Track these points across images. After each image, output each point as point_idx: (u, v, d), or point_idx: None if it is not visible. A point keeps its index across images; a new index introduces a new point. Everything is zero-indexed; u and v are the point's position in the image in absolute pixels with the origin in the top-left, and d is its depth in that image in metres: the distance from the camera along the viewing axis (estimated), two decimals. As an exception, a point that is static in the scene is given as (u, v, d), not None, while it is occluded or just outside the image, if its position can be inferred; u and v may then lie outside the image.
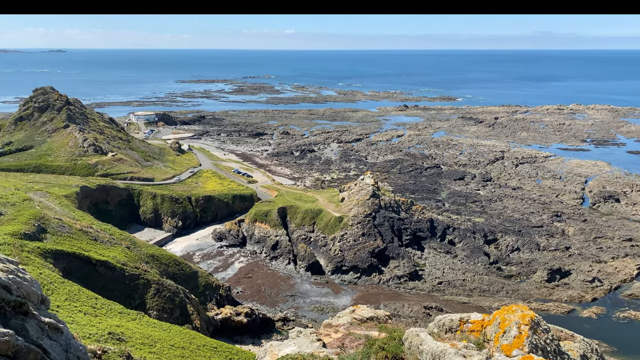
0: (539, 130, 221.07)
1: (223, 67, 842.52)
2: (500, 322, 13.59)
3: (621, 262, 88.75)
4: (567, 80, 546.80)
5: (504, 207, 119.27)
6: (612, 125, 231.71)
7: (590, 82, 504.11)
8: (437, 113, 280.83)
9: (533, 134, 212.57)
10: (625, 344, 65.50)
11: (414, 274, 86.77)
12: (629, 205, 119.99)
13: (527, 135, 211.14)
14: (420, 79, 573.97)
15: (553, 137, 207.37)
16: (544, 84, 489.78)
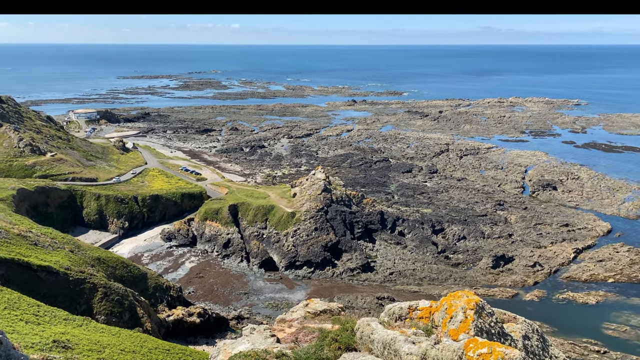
0: (481, 123, 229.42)
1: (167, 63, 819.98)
2: (447, 308, 13.98)
3: (559, 247, 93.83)
4: (507, 74, 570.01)
5: (450, 197, 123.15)
6: (549, 117, 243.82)
7: (528, 76, 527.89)
8: (385, 107, 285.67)
9: (476, 127, 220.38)
10: (565, 324, 69.41)
11: (367, 266, 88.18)
12: (565, 193, 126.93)
13: (470, 127, 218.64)
14: (368, 74, 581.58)
15: (494, 129, 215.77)
16: (484, 78, 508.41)
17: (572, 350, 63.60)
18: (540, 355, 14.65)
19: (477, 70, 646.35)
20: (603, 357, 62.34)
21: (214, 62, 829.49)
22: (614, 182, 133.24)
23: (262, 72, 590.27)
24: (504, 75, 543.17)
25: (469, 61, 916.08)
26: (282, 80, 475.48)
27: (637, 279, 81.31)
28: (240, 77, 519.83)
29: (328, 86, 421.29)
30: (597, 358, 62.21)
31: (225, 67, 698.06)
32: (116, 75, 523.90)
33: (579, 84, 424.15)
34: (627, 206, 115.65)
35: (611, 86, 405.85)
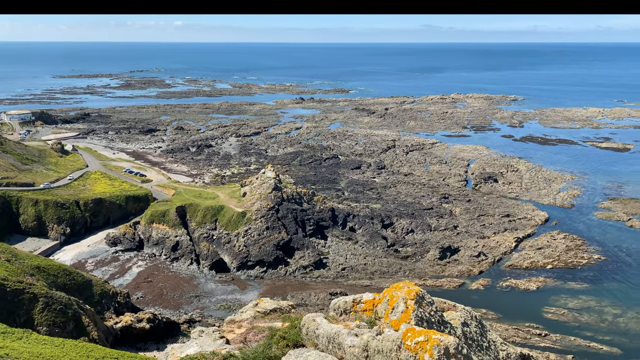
0: (425, 119, 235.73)
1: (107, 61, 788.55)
2: (389, 300, 14.31)
3: (501, 237, 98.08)
4: (448, 71, 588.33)
5: (398, 192, 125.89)
6: (488, 112, 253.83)
7: (469, 73, 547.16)
8: (332, 105, 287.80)
9: (420, 123, 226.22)
10: (509, 310, 72.68)
11: (319, 263, 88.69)
12: (505, 185, 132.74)
13: (415, 124, 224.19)
14: (315, 71, 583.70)
15: (438, 125, 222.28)
16: (427, 76, 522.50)
17: (516, 334, 66.72)
18: (479, 341, 15.20)
19: (420, 67, 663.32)
20: (544, 339, 65.80)
21: (157, 61, 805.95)
22: (549, 174, 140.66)
23: (208, 70, 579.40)
24: (446, 73, 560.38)
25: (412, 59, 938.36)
26: (229, 78, 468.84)
27: (572, 264, 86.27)
28: (185, 75, 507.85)
29: (275, 84, 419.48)
30: (539, 341, 65.58)
31: (169, 65, 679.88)
32: (52, 75, 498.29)
33: (515, 80, 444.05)
34: (562, 196, 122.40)
35: (545, 82, 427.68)
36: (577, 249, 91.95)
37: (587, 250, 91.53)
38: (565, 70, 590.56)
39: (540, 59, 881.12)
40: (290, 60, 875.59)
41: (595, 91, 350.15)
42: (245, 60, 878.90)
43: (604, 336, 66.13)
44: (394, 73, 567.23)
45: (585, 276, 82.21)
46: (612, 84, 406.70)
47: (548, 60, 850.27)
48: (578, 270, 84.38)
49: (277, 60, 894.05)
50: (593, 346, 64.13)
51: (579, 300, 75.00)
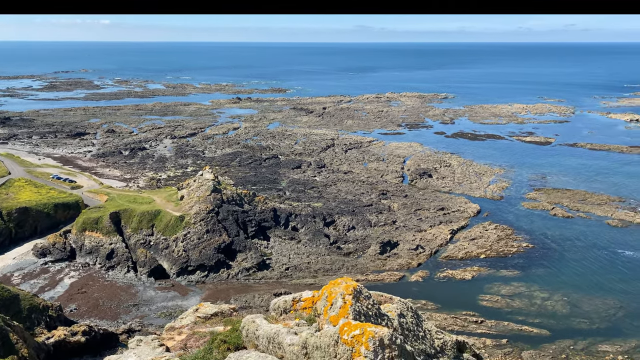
0: (362, 118, 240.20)
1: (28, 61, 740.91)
2: (327, 296, 14.58)
3: (437, 229, 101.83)
4: (382, 71, 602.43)
5: (339, 190, 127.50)
6: (421, 110, 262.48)
7: (401, 72, 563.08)
8: (270, 105, 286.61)
9: (357, 122, 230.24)
10: (446, 300, 75.61)
11: (262, 264, 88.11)
12: (439, 179, 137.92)
13: (353, 122, 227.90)
14: (251, 71, 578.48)
15: (374, 123, 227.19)
16: (362, 75, 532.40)
17: (455, 323, 69.56)
18: (415, 331, 15.66)
19: (356, 67, 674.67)
20: (480, 326, 69.06)
21: (84, 61, 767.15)
22: (480, 167, 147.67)
23: (139, 71, 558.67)
24: (380, 72, 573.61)
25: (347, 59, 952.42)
26: (161, 79, 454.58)
27: (503, 253, 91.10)
28: (114, 76, 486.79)
29: (211, 84, 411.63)
30: (475, 327, 68.74)
31: (97, 65, 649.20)
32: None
33: (446, 79, 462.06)
34: (492, 188, 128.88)
35: (473, 80, 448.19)
36: (507, 238, 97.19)
37: (517, 239, 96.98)
38: (491, 69, 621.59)
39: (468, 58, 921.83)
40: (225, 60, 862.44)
41: (519, 88, 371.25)
42: (178, 59, 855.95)
43: (534, 319, 70.36)
44: (330, 73, 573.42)
45: (515, 264, 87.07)
46: (534, 81, 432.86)
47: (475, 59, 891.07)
48: (509, 258, 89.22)
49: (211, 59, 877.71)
50: (525, 329, 68.08)
51: (511, 286, 79.31)
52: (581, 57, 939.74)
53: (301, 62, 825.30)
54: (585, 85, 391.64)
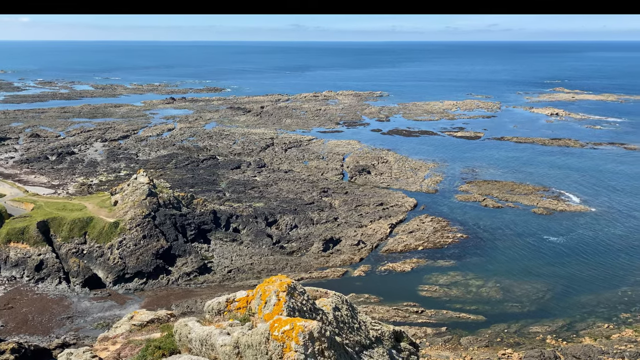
0: (300, 117, 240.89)
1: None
2: (261, 294, 14.67)
3: (377, 224, 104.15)
4: (318, 69, 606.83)
5: (280, 189, 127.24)
6: (358, 108, 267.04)
7: (337, 71, 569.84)
8: (206, 104, 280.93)
9: (296, 120, 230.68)
10: (388, 292, 77.58)
11: (203, 268, 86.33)
12: (378, 175, 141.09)
13: (291, 121, 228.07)
14: (185, 70, 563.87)
15: (313, 121, 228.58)
16: (299, 74, 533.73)
17: (397, 314, 71.52)
18: (350, 323, 16.06)
19: (292, 66, 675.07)
20: (421, 316, 71.45)
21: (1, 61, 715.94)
22: (415, 163, 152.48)
23: (64, 71, 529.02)
24: (316, 71, 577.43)
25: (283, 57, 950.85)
26: (89, 79, 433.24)
27: (440, 244, 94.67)
28: (37, 77, 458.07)
29: (143, 84, 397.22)
30: (416, 317, 71.03)
31: (17, 65, 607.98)
32: None
33: (380, 77, 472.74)
34: (427, 182, 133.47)
35: (406, 78, 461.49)
36: (443, 229, 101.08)
37: (452, 230, 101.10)
38: (422, 67, 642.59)
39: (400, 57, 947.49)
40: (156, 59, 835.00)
41: (449, 86, 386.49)
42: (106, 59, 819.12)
43: (470, 306, 73.71)
44: (267, 71, 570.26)
45: (451, 254, 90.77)
46: (462, 79, 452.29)
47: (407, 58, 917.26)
48: (445, 249, 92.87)
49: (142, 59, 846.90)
50: (462, 316, 71.18)
51: (448, 276, 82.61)
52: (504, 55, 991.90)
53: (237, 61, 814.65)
54: (510, 82, 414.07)
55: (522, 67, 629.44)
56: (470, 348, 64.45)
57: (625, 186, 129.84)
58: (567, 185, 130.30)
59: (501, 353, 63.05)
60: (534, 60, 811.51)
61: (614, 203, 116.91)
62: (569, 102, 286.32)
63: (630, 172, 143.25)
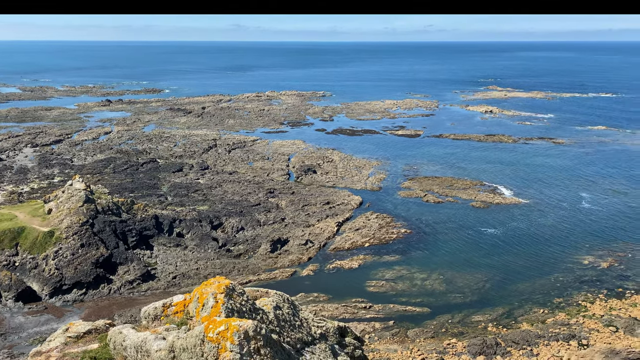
0: (243, 117, 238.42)
1: None
2: (199, 297, 14.55)
3: (324, 223, 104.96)
4: (260, 69, 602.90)
5: (225, 191, 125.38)
6: (302, 108, 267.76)
7: (279, 71, 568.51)
8: (144, 106, 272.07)
9: (239, 121, 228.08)
10: (337, 290, 78.39)
11: (147, 275, 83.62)
12: (323, 175, 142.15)
13: (234, 122, 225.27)
14: (122, 71, 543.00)
15: (256, 122, 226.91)
16: (241, 74, 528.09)
17: (346, 311, 72.42)
18: (291, 321, 16.26)
19: (234, 66, 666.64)
20: (369, 311, 72.74)
21: None
22: (359, 161, 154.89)
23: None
24: (258, 71, 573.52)
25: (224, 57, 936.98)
26: (16, 82, 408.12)
27: (385, 240, 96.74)
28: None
29: (76, 86, 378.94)
30: (365, 313, 72.24)
31: None
32: None
33: (322, 77, 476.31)
34: (371, 180, 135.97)
35: (347, 78, 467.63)
36: (387, 225, 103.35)
37: (396, 226, 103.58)
38: (364, 67, 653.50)
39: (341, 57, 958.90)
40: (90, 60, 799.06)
41: (389, 85, 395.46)
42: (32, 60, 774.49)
43: (416, 299, 75.86)
44: (208, 72, 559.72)
45: (396, 249, 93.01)
46: (401, 78, 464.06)
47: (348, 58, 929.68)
48: (390, 244, 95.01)
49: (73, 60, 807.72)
50: (409, 309, 73.14)
51: (394, 270, 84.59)
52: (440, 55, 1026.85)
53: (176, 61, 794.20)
54: (446, 81, 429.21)
55: (457, 66, 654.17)
56: (417, 340, 66.34)
57: (554, 179, 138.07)
58: (501, 179, 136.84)
59: (446, 343, 65.36)
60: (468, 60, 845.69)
61: (544, 195, 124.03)
62: (501, 100, 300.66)
63: (557, 165, 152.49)
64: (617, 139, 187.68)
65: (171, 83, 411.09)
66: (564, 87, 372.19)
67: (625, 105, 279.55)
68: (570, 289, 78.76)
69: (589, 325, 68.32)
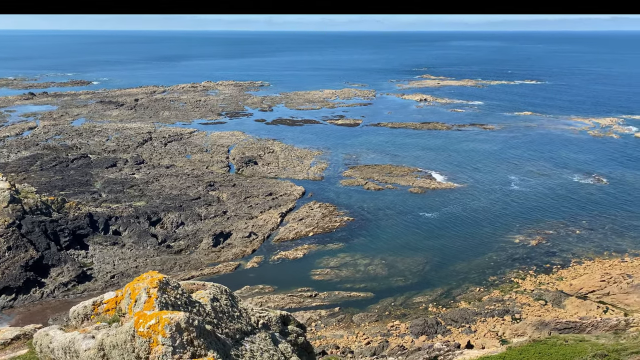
0: (179, 109, 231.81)
1: None
2: (131, 293, 14.26)
3: (268, 214, 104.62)
4: (195, 59, 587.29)
5: (162, 186, 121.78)
6: (240, 99, 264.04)
7: (215, 61, 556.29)
8: (72, 99, 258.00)
9: (175, 113, 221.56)
10: (282, 281, 78.62)
11: (83, 276, 79.97)
12: (265, 166, 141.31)
13: (170, 114, 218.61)
14: (46, 62, 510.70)
15: (193, 113, 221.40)
16: (174, 64, 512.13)
17: (292, 301, 72.86)
18: (230, 312, 16.29)
19: (167, 56, 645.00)
20: (315, 299, 73.59)
21: None
22: (300, 151, 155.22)
23: None
24: (193, 61, 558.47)
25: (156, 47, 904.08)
26: None
27: (329, 228, 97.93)
28: None
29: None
30: (311, 301, 73.03)
31: None
32: None
33: (259, 67, 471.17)
34: (313, 170, 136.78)
35: (285, 68, 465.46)
36: (330, 214, 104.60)
37: (339, 214, 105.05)
38: (302, 56, 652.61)
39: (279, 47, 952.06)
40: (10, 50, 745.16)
41: (328, 75, 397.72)
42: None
43: (359, 284, 77.56)
44: (139, 62, 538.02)
45: (339, 237, 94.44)
46: (339, 67, 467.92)
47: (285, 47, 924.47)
48: (333, 232, 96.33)
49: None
50: (353, 295, 74.68)
51: (338, 258, 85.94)
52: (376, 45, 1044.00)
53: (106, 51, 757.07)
54: (382, 71, 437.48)
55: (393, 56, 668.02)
56: (362, 324, 67.97)
57: (485, 163, 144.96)
58: (437, 165, 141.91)
59: (390, 325, 67.44)
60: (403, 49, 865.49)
61: (476, 179, 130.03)
62: (435, 88, 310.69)
63: (488, 150, 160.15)
64: (541, 124, 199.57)
65: (100, 74, 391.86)
66: (492, 75, 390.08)
67: (548, 92, 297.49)
68: (503, 267, 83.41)
69: (521, 300, 72.79)
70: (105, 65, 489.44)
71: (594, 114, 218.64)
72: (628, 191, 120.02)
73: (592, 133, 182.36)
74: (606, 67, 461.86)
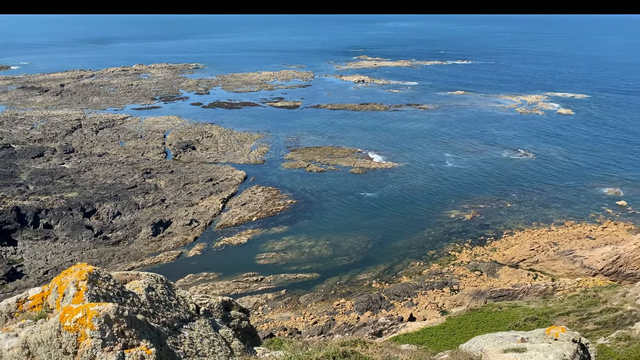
0: (110, 94, 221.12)
1: None
2: (58, 287, 13.73)
3: (209, 201, 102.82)
4: (125, 41, 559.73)
5: (95, 175, 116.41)
6: (174, 82, 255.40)
7: (147, 43, 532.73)
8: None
9: (105, 98, 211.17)
10: (227, 267, 77.99)
11: (12, 273, 75.45)
12: (204, 151, 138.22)
13: (100, 99, 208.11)
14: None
15: (125, 98, 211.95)
16: (102, 46, 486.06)
17: (237, 286, 72.54)
18: (166, 301, 16.11)
19: (93, 38, 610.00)
20: (261, 283, 73.67)
21: None
22: (240, 135, 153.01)
23: None
24: (122, 43, 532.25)
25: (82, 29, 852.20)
26: None
27: (272, 212, 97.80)
28: None
29: None
30: (257, 286, 73.04)
31: None
32: None
33: (193, 49, 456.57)
34: (254, 154, 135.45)
35: (220, 49, 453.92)
36: (274, 198, 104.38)
37: (282, 197, 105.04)
38: (237, 38, 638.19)
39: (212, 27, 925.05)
40: None
41: (265, 56, 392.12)
42: None
43: (305, 266, 78.39)
44: (64, 45, 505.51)
45: (284, 220, 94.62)
46: (276, 49, 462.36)
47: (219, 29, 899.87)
48: (278, 216, 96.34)
49: None
50: (299, 277, 75.42)
51: (282, 241, 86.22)
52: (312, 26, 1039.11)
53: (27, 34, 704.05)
54: (320, 52, 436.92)
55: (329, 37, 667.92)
56: (308, 305, 68.94)
57: (421, 142, 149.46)
58: (376, 145, 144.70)
59: (336, 304, 68.87)
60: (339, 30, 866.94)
61: (414, 158, 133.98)
62: (372, 69, 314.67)
63: (424, 129, 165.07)
64: (473, 103, 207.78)
65: (20, 58, 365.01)
66: (426, 56, 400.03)
67: (478, 71, 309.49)
68: (441, 241, 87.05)
69: (458, 272, 76.46)
70: (25, 48, 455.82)
71: (521, 92, 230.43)
72: (552, 165, 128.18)
73: (519, 110, 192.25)
74: (533, 47, 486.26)
